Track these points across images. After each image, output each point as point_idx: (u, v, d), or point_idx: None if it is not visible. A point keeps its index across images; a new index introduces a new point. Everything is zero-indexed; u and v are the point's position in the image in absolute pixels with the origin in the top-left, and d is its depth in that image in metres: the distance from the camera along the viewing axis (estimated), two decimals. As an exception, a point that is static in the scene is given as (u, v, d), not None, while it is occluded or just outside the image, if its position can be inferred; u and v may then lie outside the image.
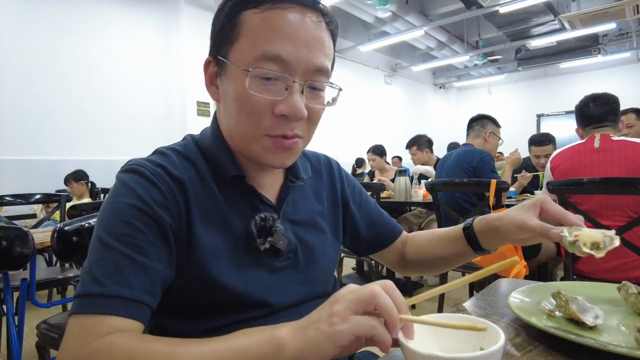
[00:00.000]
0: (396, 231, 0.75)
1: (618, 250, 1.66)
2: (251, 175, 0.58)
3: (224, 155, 0.57)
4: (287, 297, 0.58)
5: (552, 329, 0.43)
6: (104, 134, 4.14)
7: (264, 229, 0.56)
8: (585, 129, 1.66)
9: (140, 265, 0.46)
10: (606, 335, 0.44)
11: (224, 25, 0.53)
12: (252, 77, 0.50)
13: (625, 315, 0.50)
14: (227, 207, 0.55)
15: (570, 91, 8.20)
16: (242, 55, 0.51)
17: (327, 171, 0.71)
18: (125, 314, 0.44)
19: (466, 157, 2.18)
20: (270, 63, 0.50)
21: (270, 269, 0.57)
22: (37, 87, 3.72)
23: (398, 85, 8.42)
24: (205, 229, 0.53)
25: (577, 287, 0.59)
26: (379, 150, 3.76)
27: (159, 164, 0.54)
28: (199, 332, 0.52)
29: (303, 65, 0.51)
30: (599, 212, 1.46)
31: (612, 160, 1.49)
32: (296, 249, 0.60)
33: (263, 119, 0.51)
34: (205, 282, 0.52)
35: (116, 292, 0.44)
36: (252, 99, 0.50)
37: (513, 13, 5.69)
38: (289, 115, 0.51)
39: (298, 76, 0.51)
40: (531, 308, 0.51)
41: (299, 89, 0.51)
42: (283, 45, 0.49)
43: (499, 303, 0.58)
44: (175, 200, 0.51)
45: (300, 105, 0.51)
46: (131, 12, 4.36)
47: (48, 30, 3.79)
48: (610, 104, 1.61)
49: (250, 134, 0.53)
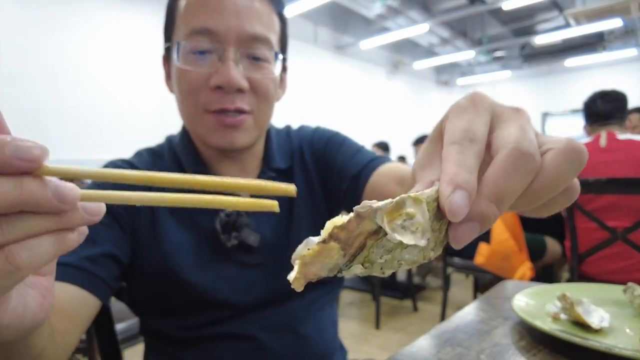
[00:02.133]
0: (373, 164, 0.58)
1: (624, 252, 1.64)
2: (215, 167, 0.57)
3: (185, 149, 0.57)
4: (260, 296, 0.56)
5: (557, 332, 0.43)
6: (99, 134, 4.14)
7: (228, 224, 0.54)
8: (592, 125, 1.66)
9: (88, 240, 0.46)
10: (611, 338, 0.44)
11: (167, 18, 0.55)
12: (184, 53, 0.50)
13: (631, 317, 0.49)
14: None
15: (576, 89, 8.13)
16: (177, 37, 0.52)
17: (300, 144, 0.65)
18: (64, 279, 0.43)
19: None
20: (200, 37, 0.49)
21: (243, 266, 0.55)
22: (31, 86, 3.72)
23: (400, 83, 8.38)
24: (172, 225, 0.53)
25: (583, 289, 0.58)
26: (383, 145, 3.79)
27: (129, 163, 0.56)
28: (173, 329, 0.54)
29: (234, 34, 0.49)
30: (605, 213, 1.45)
31: (620, 160, 1.48)
32: (274, 244, 0.57)
33: (200, 94, 0.50)
34: (170, 278, 0.52)
35: (60, 259, 0.43)
36: (188, 75, 0.50)
37: (517, 9, 5.65)
38: (223, 85, 0.49)
39: (231, 46, 0.50)
40: (536, 311, 0.50)
41: (232, 57, 0.50)
42: (209, 17, 0.49)
43: (503, 305, 0.58)
44: None
45: (233, 74, 0.49)
46: (127, 10, 4.36)
47: (42, 28, 3.79)
48: (617, 101, 1.61)
49: (192, 112, 0.52)
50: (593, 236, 1.46)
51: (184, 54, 0.50)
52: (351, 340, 2.19)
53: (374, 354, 2.01)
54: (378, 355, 1.95)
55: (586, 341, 0.41)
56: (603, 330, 0.45)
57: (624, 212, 1.44)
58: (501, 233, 1.65)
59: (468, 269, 2.07)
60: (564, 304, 0.48)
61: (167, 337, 0.54)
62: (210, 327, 0.54)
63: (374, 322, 2.38)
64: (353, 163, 0.59)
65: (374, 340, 2.21)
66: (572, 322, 0.47)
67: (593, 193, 1.45)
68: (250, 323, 0.55)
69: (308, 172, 0.63)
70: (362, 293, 2.96)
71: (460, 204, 0.19)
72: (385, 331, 2.33)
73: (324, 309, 0.64)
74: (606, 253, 1.44)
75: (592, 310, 0.47)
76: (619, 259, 1.43)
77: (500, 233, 1.66)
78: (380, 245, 0.20)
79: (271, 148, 0.61)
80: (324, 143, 0.65)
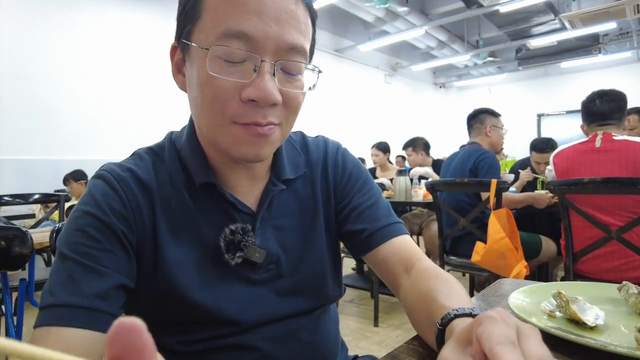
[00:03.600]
0: (386, 232, 0.57)
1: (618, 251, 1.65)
2: (226, 178, 0.53)
3: (194, 157, 0.52)
4: (266, 313, 0.53)
5: (553, 329, 0.43)
6: (103, 134, 4.13)
7: (232, 243, 0.51)
8: (590, 125, 1.64)
9: (93, 271, 0.43)
10: (606, 336, 0.44)
11: (187, 4, 0.47)
12: (214, 57, 0.44)
13: (626, 315, 0.49)
14: (199, 215, 0.51)
15: (571, 91, 8.20)
16: (204, 35, 0.45)
17: (322, 158, 0.61)
18: (73, 324, 0.40)
19: (469, 157, 2.18)
20: (235, 41, 0.43)
21: (247, 282, 0.52)
22: (35, 87, 3.72)
23: (398, 85, 8.41)
24: (174, 239, 0.49)
25: (578, 287, 0.59)
26: (382, 146, 3.78)
27: (128, 169, 0.50)
28: (174, 344, 0.51)
29: (273, 43, 0.44)
30: (599, 212, 1.46)
31: (613, 160, 1.48)
32: (279, 259, 0.54)
33: (229, 105, 0.45)
34: (173, 297, 0.49)
35: (64, 300, 0.41)
36: (215, 82, 0.44)
37: (513, 12, 5.69)
38: (259, 100, 0.44)
39: (268, 55, 0.44)
40: (532, 308, 0.50)
41: (269, 70, 0.44)
42: (248, 20, 0.43)
43: (499, 303, 0.58)
44: (138, 208, 0.48)
45: (270, 88, 0.44)
46: (130, 10, 4.36)
47: (46, 29, 3.79)
48: (616, 101, 1.59)
49: (216, 122, 0.46)
50: (588, 235, 1.46)
51: (214, 57, 0.44)
52: (350, 337, 2.19)
53: (372, 350, 2.01)
54: (376, 351, 1.95)
55: (581, 338, 0.41)
56: (598, 328, 0.45)
57: (618, 211, 1.45)
58: (497, 232, 1.65)
59: (465, 267, 2.07)
60: (560, 301, 0.48)
61: (168, 350, 0.52)
62: (213, 341, 0.52)
63: (372, 320, 2.38)
64: (372, 216, 0.58)
65: (372, 337, 2.21)
66: (567, 319, 0.47)
67: (588, 192, 1.46)
68: (254, 335, 0.53)
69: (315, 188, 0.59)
70: (361, 291, 2.97)
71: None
72: (384, 328, 2.32)
73: (328, 314, 0.63)
74: (601, 252, 1.45)
75: (587, 308, 0.47)
76: (614, 258, 1.44)
77: (496, 232, 1.66)
78: None
79: (282, 157, 0.57)
80: (348, 173, 0.62)
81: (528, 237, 2.00)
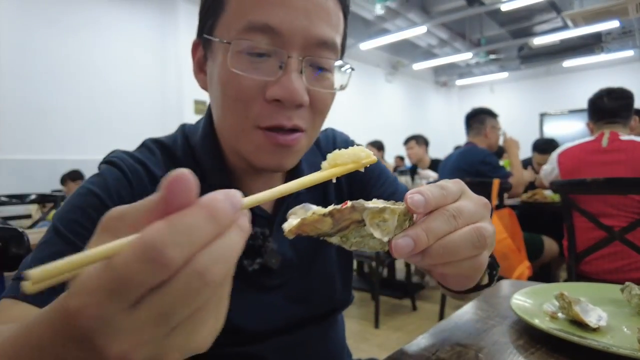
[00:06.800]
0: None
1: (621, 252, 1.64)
2: (243, 180, 0.50)
3: (210, 158, 0.49)
4: (275, 320, 0.51)
5: (555, 331, 0.43)
6: (100, 134, 4.13)
7: (252, 249, 0.48)
8: (596, 123, 1.63)
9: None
10: (609, 337, 0.44)
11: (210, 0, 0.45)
12: (237, 52, 0.40)
13: (628, 316, 0.49)
14: None
15: (573, 90, 8.17)
16: (227, 29, 0.42)
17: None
18: (40, 304, 0.36)
19: (466, 157, 2.18)
20: (259, 35, 0.40)
21: (259, 289, 0.51)
22: (33, 87, 3.72)
23: (399, 84, 8.40)
24: None
25: (580, 288, 0.58)
26: (377, 144, 3.88)
27: (141, 161, 0.47)
28: None
29: (300, 37, 0.41)
30: (603, 213, 1.46)
31: (620, 161, 1.48)
32: (292, 264, 0.53)
33: (252, 106, 0.42)
34: None
35: None
36: (237, 80, 0.41)
37: (515, 10, 5.67)
38: (284, 100, 0.41)
39: (295, 51, 0.41)
40: (534, 310, 0.50)
41: (296, 67, 0.41)
42: (273, 12, 0.39)
43: (501, 305, 0.58)
44: None
45: (297, 86, 0.41)
46: (128, 11, 4.35)
47: (44, 30, 3.79)
48: (624, 99, 1.58)
49: (238, 125, 0.43)
50: (591, 236, 1.46)
51: (236, 52, 0.40)
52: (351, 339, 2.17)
53: (373, 352, 2.01)
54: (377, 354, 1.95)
55: (584, 340, 0.41)
56: (601, 329, 0.45)
57: (622, 212, 1.44)
58: (499, 233, 1.65)
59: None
60: (562, 303, 0.48)
61: None
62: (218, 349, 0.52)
63: (373, 321, 2.38)
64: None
65: (373, 339, 2.21)
66: (569, 321, 0.47)
67: (591, 193, 1.45)
68: (261, 345, 0.52)
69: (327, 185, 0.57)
70: (361, 292, 2.96)
71: (417, 199, 0.29)
72: (385, 330, 2.33)
73: (336, 324, 0.63)
74: (604, 253, 1.44)
75: (590, 309, 0.47)
76: (617, 259, 1.43)
77: (498, 233, 1.66)
78: (357, 230, 0.30)
79: (301, 162, 0.53)
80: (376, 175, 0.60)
81: (530, 238, 1.99)
